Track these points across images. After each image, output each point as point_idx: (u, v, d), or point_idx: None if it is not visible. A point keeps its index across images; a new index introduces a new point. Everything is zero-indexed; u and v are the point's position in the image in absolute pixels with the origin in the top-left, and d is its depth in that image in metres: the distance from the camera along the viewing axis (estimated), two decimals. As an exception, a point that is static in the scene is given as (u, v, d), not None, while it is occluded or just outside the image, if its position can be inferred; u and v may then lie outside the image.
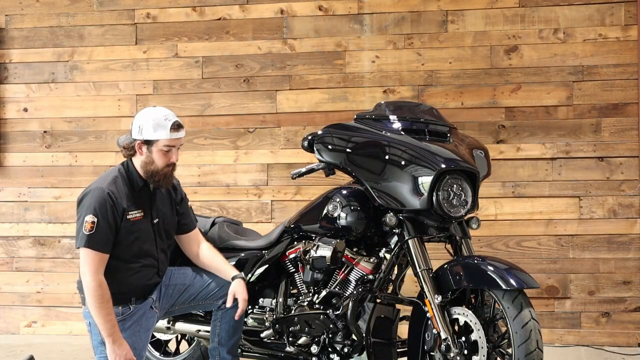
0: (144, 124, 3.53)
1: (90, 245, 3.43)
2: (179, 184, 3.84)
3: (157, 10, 5.84)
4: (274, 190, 5.67)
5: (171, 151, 3.55)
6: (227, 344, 3.74)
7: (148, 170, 3.56)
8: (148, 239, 3.60)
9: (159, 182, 3.58)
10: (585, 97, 5.35)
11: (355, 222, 3.64)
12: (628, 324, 5.27)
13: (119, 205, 3.48)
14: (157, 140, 3.52)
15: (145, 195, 3.62)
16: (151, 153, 3.54)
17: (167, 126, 3.52)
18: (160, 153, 3.53)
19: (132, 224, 3.53)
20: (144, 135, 3.52)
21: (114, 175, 3.57)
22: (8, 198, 5.97)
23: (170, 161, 3.56)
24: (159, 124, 3.52)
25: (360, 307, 3.52)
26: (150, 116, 3.54)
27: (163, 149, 3.53)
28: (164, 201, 3.70)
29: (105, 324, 3.42)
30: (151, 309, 3.65)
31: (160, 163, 3.55)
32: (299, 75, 5.66)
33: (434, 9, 5.52)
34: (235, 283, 3.65)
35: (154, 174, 3.56)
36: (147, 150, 3.54)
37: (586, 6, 5.36)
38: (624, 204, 5.30)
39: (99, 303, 3.40)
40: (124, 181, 3.57)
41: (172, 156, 3.56)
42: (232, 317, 3.71)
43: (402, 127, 3.56)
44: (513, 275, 3.22)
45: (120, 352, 3.43)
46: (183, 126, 3.59)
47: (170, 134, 3.52)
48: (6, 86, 5.99)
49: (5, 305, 5.94)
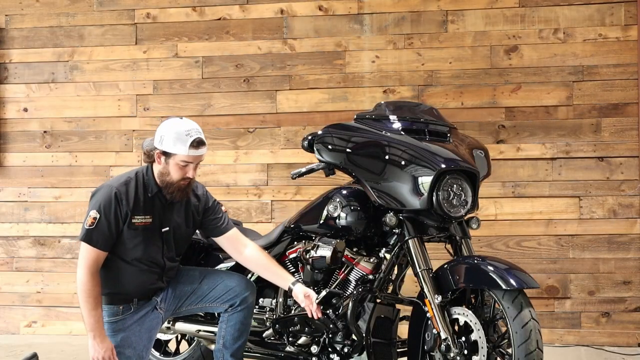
0: (165, 135, 3.50)
1: (88, 240, 3.45)
2: (204, 194, 3.76)
3: (157, 10, 5.84)
4: (274, 190, 5.67)
5: (188, 166, 3.52)
6: (232, 347, 3.72)
7: (164, 181, 3.55)
8: (154, 245, 3.59)
9: (172, 194, 3.56)
10: (585, 97, 5.35)
11: (355, 222, 3.63)
12: (628, 324, 5.27)
13: (124, 206, 3.48)
14: (175, 154, 3.49)
15: (159, 202, 3.60)
16: (168, 165, 3.52)
17: (187, 142, 3.47)
18: (177, 167, 3.51)
19: (136, 228, 3.52)
20: (163, 146, 3.50)
21: (128, 177, 3.57)
22: (8, 198, 5.97)
23: (186, 176, 3.53)
24: (179, 138, 3.48)
25: (360, 307, 3.52)
26: (173, 128, 3.50)
27: (180, 164, 3.50)
28: (180, 212, 3.67)
29: (88, 319, 3.43)
30: (155, 310, 3.64)
31: (175, 176, 3.52)
32: (299, 75, 5.66)
33: (434, 9, 5.52)
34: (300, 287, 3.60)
35: (169, 186, 3.54)
36: (165, 161, 3.52)
37: (586, 6, 5.36)
38: (624, 204, 5.30)
39: (86, 297, 3.42)
40: (138, 185, 3.55)
41: (189, 172, 3.53)
42: (238, 321, 3.71)
43: (402, 127, 3.56)
44: (513, 275, 3.22)
45: (99, 349, 3.43)
46: (205, 143, 3.54)
47: (188, 151, 3.48)
48: (6, 86, 6.00)
49: (5, 305, 5.95)
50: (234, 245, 3.78)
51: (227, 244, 3.79)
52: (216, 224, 3.76)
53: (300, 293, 3.58)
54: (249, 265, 3.79)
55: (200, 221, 3.74)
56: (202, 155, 3.56)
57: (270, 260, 3.76)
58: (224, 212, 3.84)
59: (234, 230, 3.80)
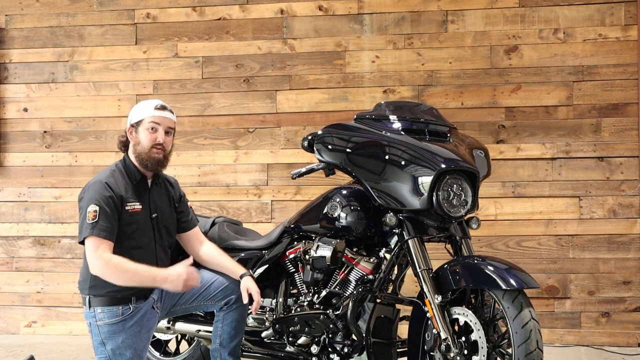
0: (132, 112, 3.66)
1: (96, 232, 3.41)
2: (176, 183, 3.85)
3: (157, 10, 5.84)
4: (274, 190, 5.67)
5: (157, 130, 3.59)
6: (229, 346, 3.73)
7: (138, 154, 3.60)
8: (146, 231, 3.60)
9: (147, 166, 3.59)
10: (585, 97, 5.35)
11: (355, 222, 3.63)
12: (628, 324, 5.27)
13: (117, 193, 3.50)
14: (142, 119, 3.60)
15: (143, 189, 3.64)
16: (139, 134, 3.60)
17: (151, 105, 3.62)
18: (146, 132, 3.58)
19: (130, 214, 3.54)
20: (131, 119, 3.64)
21: (111, 170, 3.62)
22: (8, 198, 5.98)
23: (157, 141, 3.58)
24: (143, 106, 3.64)
25: (360, 307, 3.52)
26: (138, 105, 3.68)
27: (148, 128, 3.58)
28: (162, 197, 3.72)
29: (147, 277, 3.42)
30: (152, 309, 3.64)
31: (146, 142, 3.58)
32: (299, 75, 5.66)
33: (434, 9, 5.52)
34: (246, 280, 3.68)
35: (143, 157, 3.59)
36: (135, 132, 3.61)
37: (586, 6, 5.36)
38: (624, 204, 5.30)
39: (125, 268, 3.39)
40: (122, 174, 3.61)
41: (159, 136, 3.59)
42: (234, 319, 3.71)
43: (402, 127, 3.56)
44: (513, 275, 3.22)
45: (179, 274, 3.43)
46: (171, 110, 3.65)
47: (153, 112, 3.59)
48: (6, 86, 6.00)
49: (5, 305, 5.95)
50: (196, 242, 3.84)
51: (190, 239, 3.84)
52: (186, 218, 3.81)
53: (244, 287, 3.65)
54: (204, 262, 3.81)
55: (177, 210, 3.79)
56: (169, 120, 3.63)
57: (223, 255, 3.81)
58: (190, 207, 3.89)
59: (196, 229, 3.87)
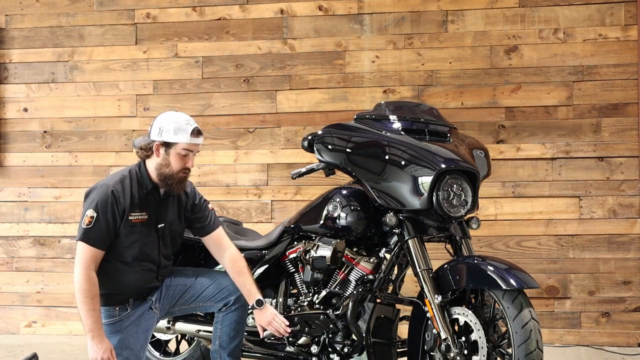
0: (164, 126, 3.54)
1: (86, 239, 3.44)
2: (192, 191, 3.79)
3: (157, 10, 5.84)
4: (274, 190, 5.67)
5: (188, 156, 3.56)
6: (228, 347, 3.72)
7: (162, 173, 3.55)
8: (150, 242, 3.59)
9: (171, 186, 3.57)
10: (585, 97, 5.35)
11: (355, 222, 3.63)
12: (628, 324, 5.27)
13: (121, 204, 3.48)
14: (177, 143, 3.53)
15: (153, 199, 3.61)
16: (168, 155, 3.54)
17: (188, 130, 3.53)
18: (178, 157, 3.54)
19: (133, 225, 3.52)
20: (163, 137, 3.53)
21: (122, 175, 3.58)
22: (8, 198, 5.98)
23: (186, 166, 3.56)
24: (180, 127, 3.53)
25: (360, 307, 3.52)
26: (172, 119, 3.55)
27: (181, 153, 3.54)
28: (173, 207, 3.68)
29: (87, 319, 3.42)
30: (150, 310, 3.64)
31: (176, 167, 3.54)
32: (299, 75, 5.66)
33: (434, 9, 5.52)
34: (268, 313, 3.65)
35: (168, 178, 3.55)
36: (165, 152, 3.54)
37: (586, 6, 5.36)
38: (624, 204, 5.30)
39: (84, 298, 3.40)
40: (133, 182, 3.56)
41: (189, 161, 3.57)
42: (233, 320, 3.71)
43: (402, 127, 3.56)
44: (513, 275, 3.22)
45: (98, 350, 3.41)
46: (202, 133, 3.61)
47: (190, 139, 3.53)
48: (6, 86, 6.00)
49: (5, 305, 5.95)
50: (216, 246, 3.79)
51: (210, 243, 3.81)
52: (203, 223, 3.78)
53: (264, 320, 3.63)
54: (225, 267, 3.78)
55: (189, 218, 3.76)
56: (200, 145, 3.61)
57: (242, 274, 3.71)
58: (211, 209, 3.85)
59: (218, 231, 3.81)
